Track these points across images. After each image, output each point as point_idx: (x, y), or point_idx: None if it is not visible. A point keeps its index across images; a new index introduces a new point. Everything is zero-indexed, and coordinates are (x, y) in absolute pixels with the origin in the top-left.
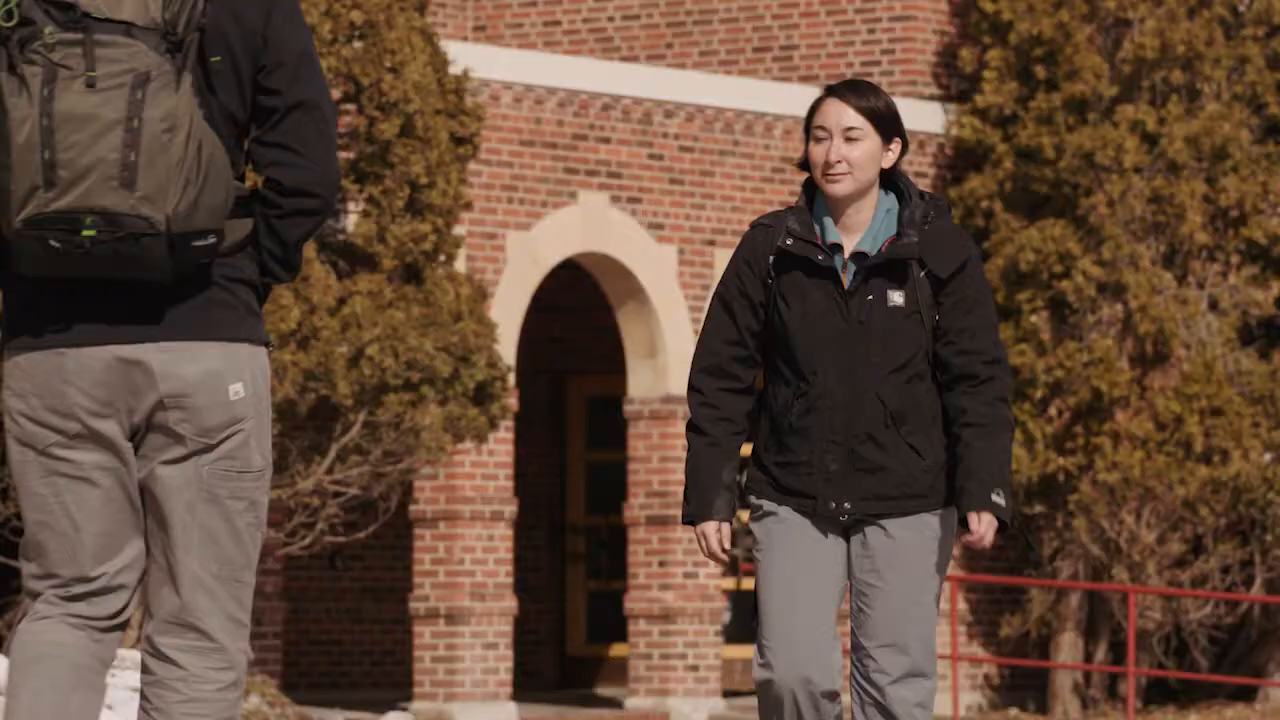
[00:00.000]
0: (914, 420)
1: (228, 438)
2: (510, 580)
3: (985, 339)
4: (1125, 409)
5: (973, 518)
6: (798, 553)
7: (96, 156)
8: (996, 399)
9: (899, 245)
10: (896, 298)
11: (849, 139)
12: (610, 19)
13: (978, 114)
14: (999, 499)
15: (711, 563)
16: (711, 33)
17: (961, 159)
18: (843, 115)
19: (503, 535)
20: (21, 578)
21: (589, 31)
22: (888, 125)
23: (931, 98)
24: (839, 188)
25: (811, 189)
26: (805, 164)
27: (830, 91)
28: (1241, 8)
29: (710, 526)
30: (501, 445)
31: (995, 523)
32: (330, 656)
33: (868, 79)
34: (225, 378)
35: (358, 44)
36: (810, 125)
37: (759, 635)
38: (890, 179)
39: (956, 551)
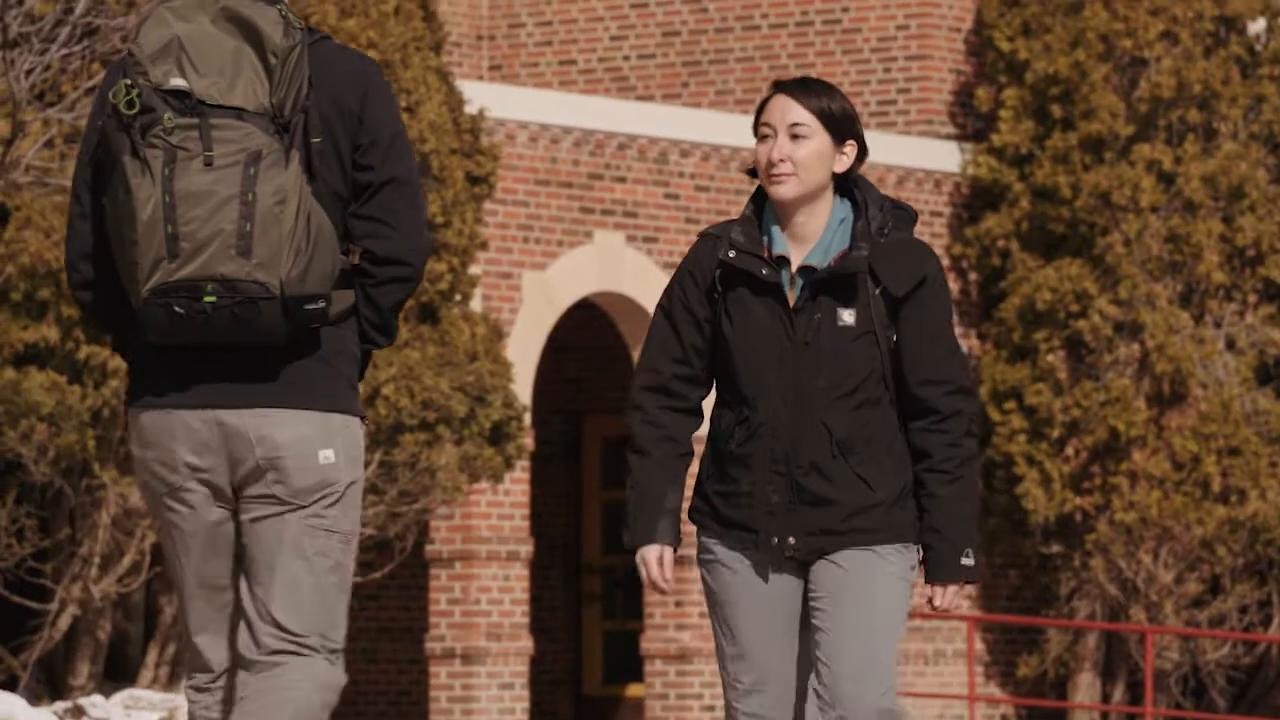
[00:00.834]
0: (864, 450)
1: (318, 500)
2: (526, 620)
3: (948, 365)
4: (1142, 449)
5: (937, 591)
6: (749, 602)
7: (215, 228)
8: (962, 436)
9: (848, 259)
10: (847, 317)
11: (795, 136)
12: (626, 58)
13: (994, 153)
14: (969, 560)
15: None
16: (727, 72)
17: (978, 198)
18: (788, 111)
19: (518, 575)
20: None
21: (605, 71)
22: (839, 125)
23: (948, 137)
24: (783, 189)
25: (762, 197)
26: (755, 170)
27: (778, 88)
28: (1258, 47)
29: (651, 552)
30: (517, 485)
31: (962, 590)
32: (346, 696)
33: (883, 118)
34: (315, 444)
35: None
36: (756, 124)
37: (724, 691)
38: (847, 187)
39: (974, 592)
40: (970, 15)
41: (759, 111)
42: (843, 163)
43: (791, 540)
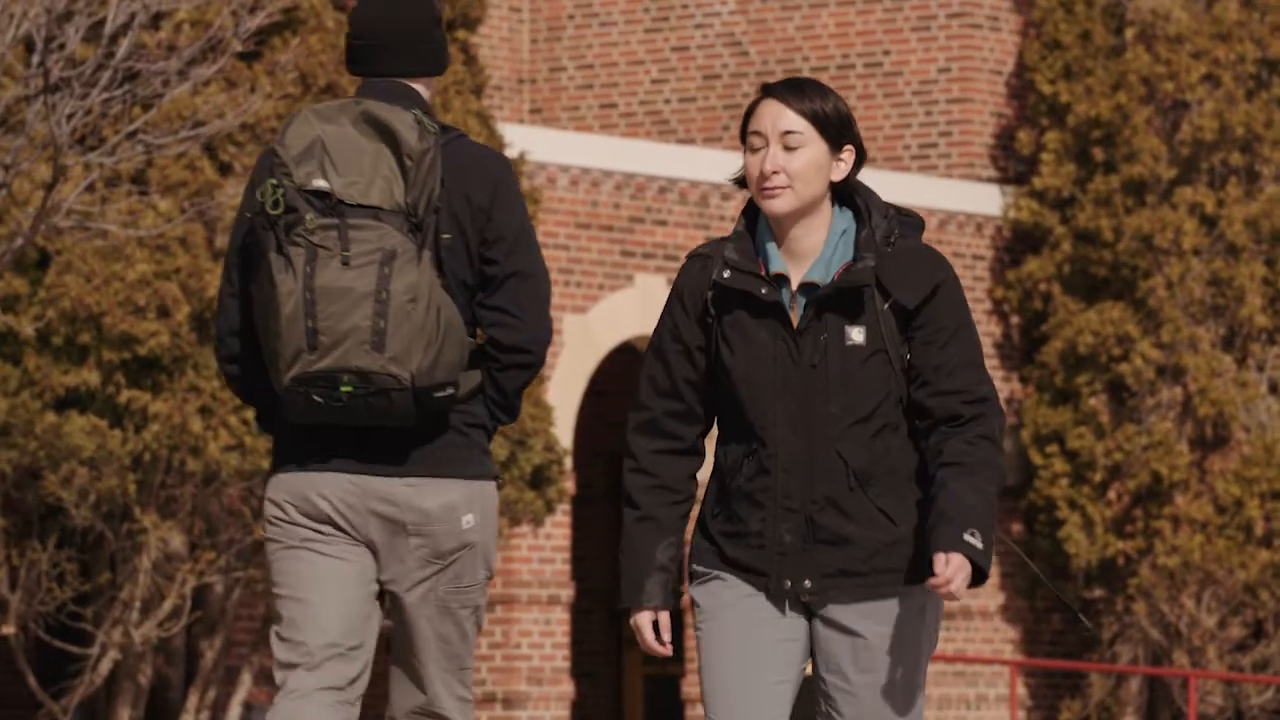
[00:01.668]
0: (885, 480)
1: (456, 560)
2: (567, 664)
3: (967, 376)
4: (1185, 492)
5: (939, 559)
6: (744, 636)
7: (352, 324)
8: (979, 436)
9: (853, 271)
10: (855, 335)
11: (788, 146)
12: (667, 101)
13: (1036, 196)
14: (973, 540)
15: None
16: None
17: (1019, 241)
18: (780, 118)
19: (559, 619)
20: (273, 659)
21: (645, 114)
22: (835, 130)
23: (989, 180)
24: (777, 204)
25: (754, 211)
26: (744, 180)
27: (766, 91)
28: None
29: (644, 618)
30: (558, 529)
31: (967, 566)
32: None
33: (925, 161)
34: (459, 510)
35: None
36: (745, 132)
37: None
38: (848, 195)
39: (1016, 635)
40: (1012, 58)
41: (746, 118)
42: (840, 170)
43: (807, 584)
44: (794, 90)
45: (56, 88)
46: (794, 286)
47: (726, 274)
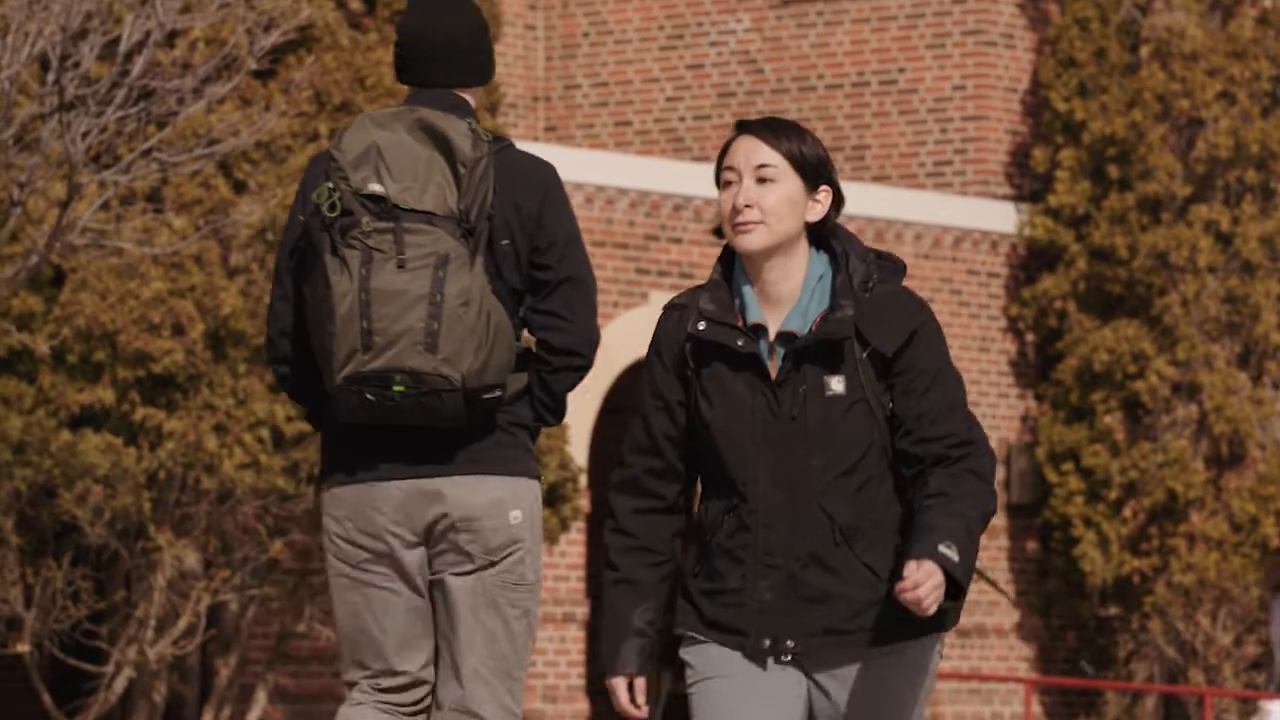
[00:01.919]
0: (870, 534)
1: (507, 556)
2: (582, 682)
3: (951, 422)
4: (1200, 510)
5: (909, 564)
6: (741, 691)
7: (406, 325)
8: (967, 471)
9: (831, 321)
10: (835, 385)
11: (761, 180)
12: (682, 119)
13: (1051, 214)
14: (949, 551)
15: None
16: None
17: (1034, 259)
18: (754, 153)
19: (575, 637)
20: (340, 669)
21: (660, 132)
22: (811, 168)
23: (1004, 198)
24: (749, 240)
25: (730, 259)
26: (720, 230)
27: (742, 128)
28: None
29: (619, 683)
30: (573, 546)
31: (939, 575)
32: None
33: (940, 178)
34: (507, 505)
35: None
36: (719, 169)
37: None
38: (826, 240)
39: (1031, 652)
40: (1027, 76)
41: (721, 155)
42: (816, 210)
43: (789, 643)
44: (769, 127)
45: (71, 105)
46: (772, 336)
47: (701, 326)
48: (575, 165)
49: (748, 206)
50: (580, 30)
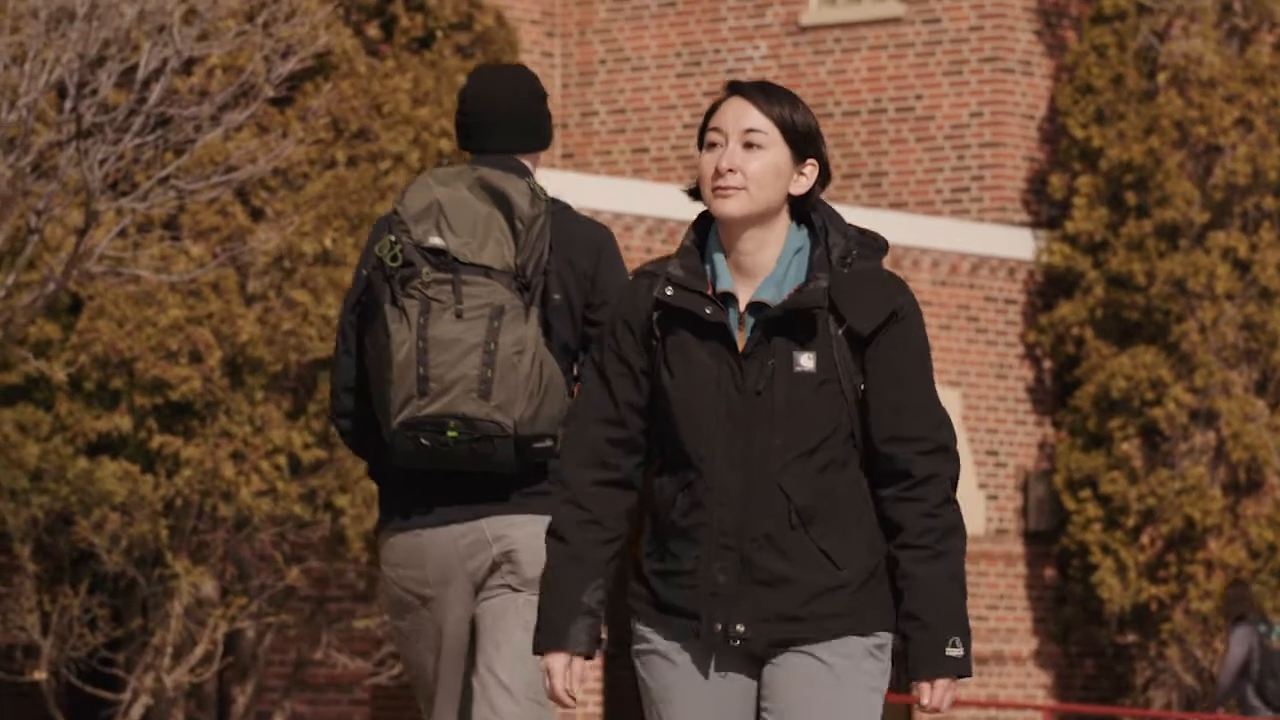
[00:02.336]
0: (828, 519)
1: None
2: (600, 710)
3: (924, 418)
4: (1218, 537)
5: (924, 689)
6: (689, 703)
7: (460, 373)
8: (941, 503)
9: (804, 292)
10: (805, 361)
11: (748, 145)
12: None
13: (1068, 240)
14: (956, 651)
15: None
16: None
17: (1052, 286)
18: (744, 116)
19: (593, 664)
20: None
21: (677, 159)
22: (800, 138)
23: (1021, 224)
24: (729, 205)
25: (705, 225)
26: (698, 191)
27: (734, 89)
28: None
29: (557, 661)
30: None
31: (953, 685)
32: None
33: (957, 205)
34: (542, 539)
35: None
36: (704, 129)
37: None
38: (806, 214)
39: (1049, 679)
40: (1044, 102)
41: (708, 115)
42: (801, 184)
43: (740, 627)
44: (762, 91)
45: (89, 133)
46: (742, 306)
47: (669, 291)
48: (592, 192)
49: (730, 171)
50: (597, 57)
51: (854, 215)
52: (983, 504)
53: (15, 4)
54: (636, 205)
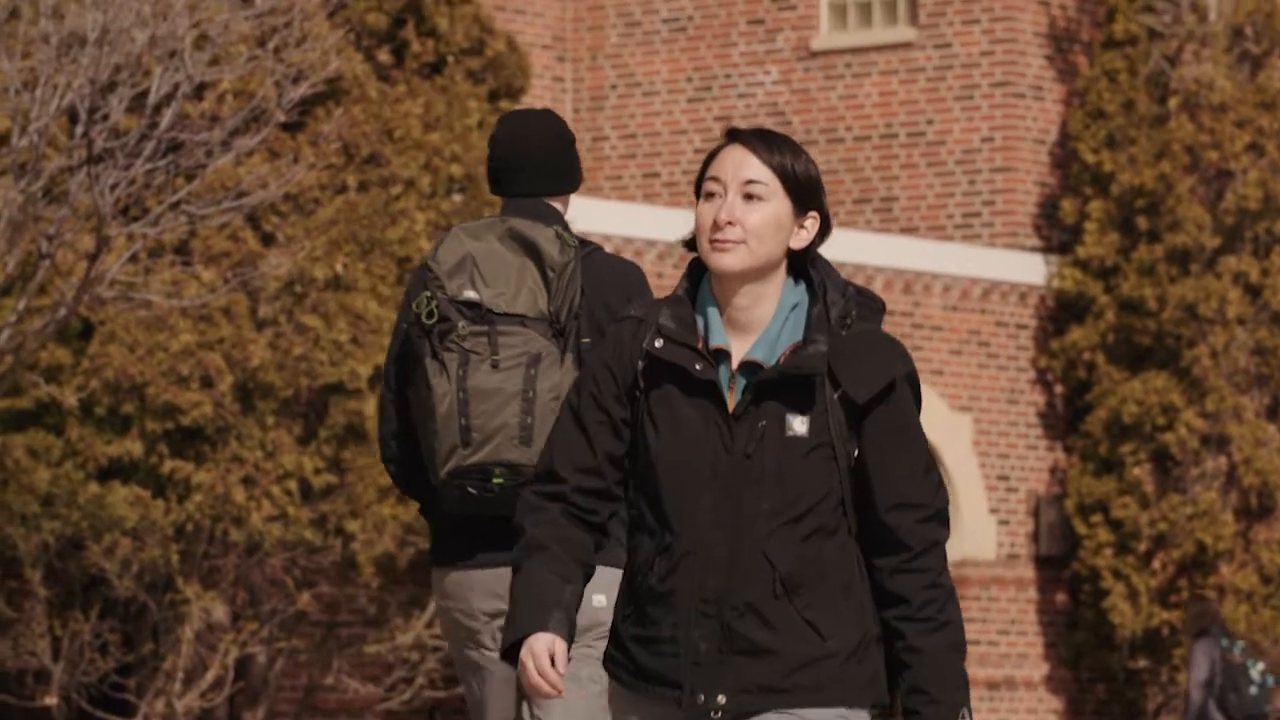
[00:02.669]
0: (815, 588)
1: (589, 632)
2: None
3: (920, 487)
4: (1230, 562)
5: None
6: None
7: (501, 421)
8: (941, 572)
9: (802, 355)
10: (798, 425)
11: (748, 196)
12: None
13: (1079, 265)
14: None
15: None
16: None
17: (1063, 311)
18: (744, 166)
19: None
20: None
21: (688, 184)
22: (803, 191)
23: (1033, 249)
24: (727, 260)
25: (698, 274)
26: (693, 243)
27: (733, 136)
28: None
29: (540, 641)
30: None
31: None
32: None
33: (968, 230)
34: (591, 591)
35: (457, 197)
36: (702, 178)
37: None
38: (804, 268)
39: (1060, 705)
40: (1055, 127)
41: (706, 163)
42: (801, 237)
43: (721, 699)
44: (763, 139)
45: (100, 158)
46: (734, 365)
47: (659, 343)
48: (603, 217)
49: (730, 224)
50: (608, 82)
51: (865, 240)
52: (994, 529)
53: (27, 29)
54: (647, 230)
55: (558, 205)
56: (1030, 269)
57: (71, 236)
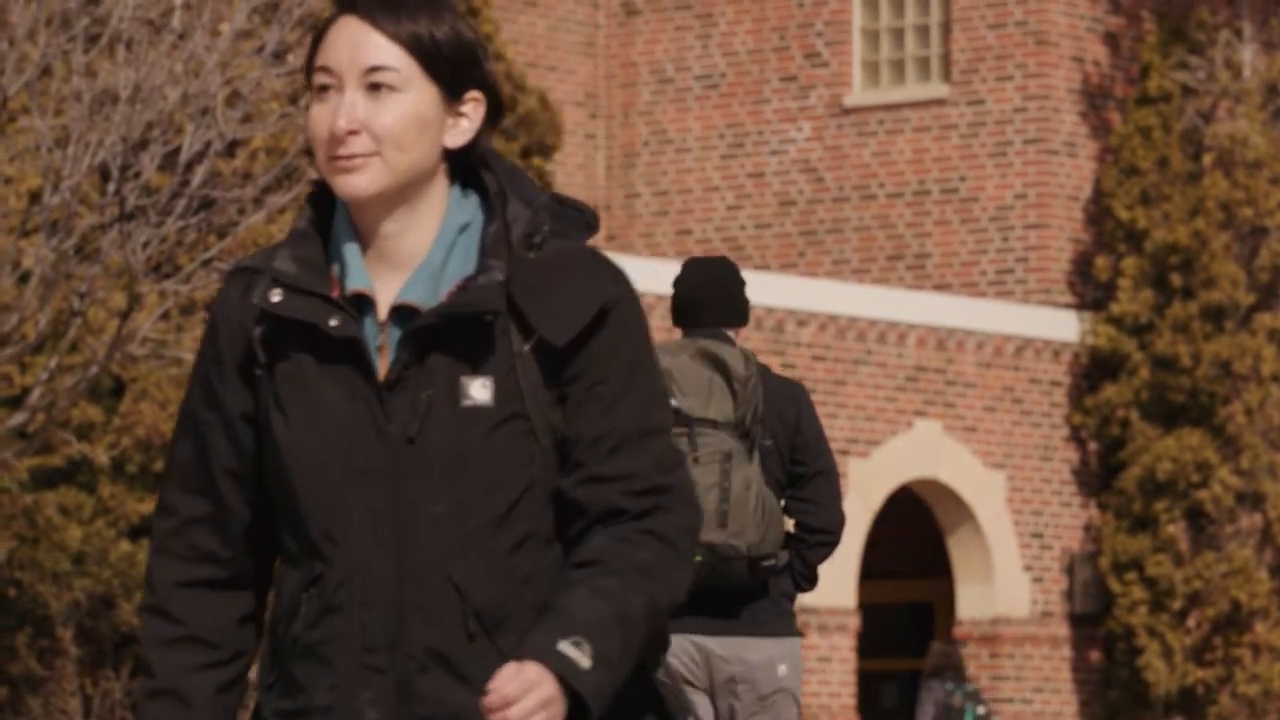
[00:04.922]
0: (525, 623)
1: (774, 701)
2: None
3: (639, 455)
4: (1265, 620)
5: (507, 669)
6: None
7: (703, 509)
8: (644, 533)
9: (472, 289)
10: (477, 391)
11: (374, 87)
12: (742, 228)
13: (1113, 322)
14: (573, 652)
15: None
16: (844, 241)
17: (1097, 368)
18: (362, 47)
19: None
20: None
21: (721, 240)
22: (452, 66)
23: (1066, 306)
24: (357, 180)
25: (327, 198)
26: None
27: (346, 5)
28: None
29: None
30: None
31: (546, 685)
32: None
33: (1001, 287)
34: (775, 661)
35: None
36: (310, 66)
37: None
38: (472, 168)
39: None
40: (1089, 184)
41: (314, 45)
42: (461, 131)
43: None
44: (387, 7)
45: (132, 216)
46: (383, 314)
47: (275, 296)
48: (636, 274)
49: (353, 133)
50: (641, 139)
51: (898, 298)
52: (1028, 586)
53: (59, 87)
54: None
55: (731, 334)
56: (1064, 326)
57: (103, 294)
